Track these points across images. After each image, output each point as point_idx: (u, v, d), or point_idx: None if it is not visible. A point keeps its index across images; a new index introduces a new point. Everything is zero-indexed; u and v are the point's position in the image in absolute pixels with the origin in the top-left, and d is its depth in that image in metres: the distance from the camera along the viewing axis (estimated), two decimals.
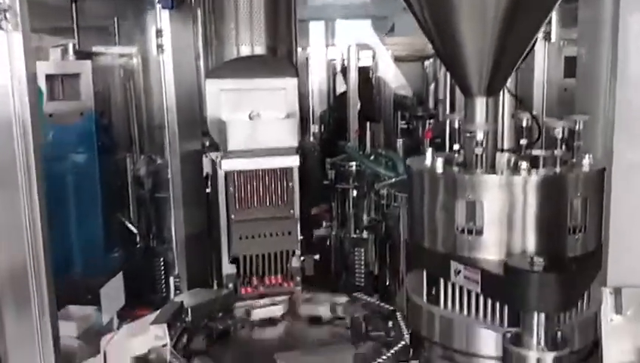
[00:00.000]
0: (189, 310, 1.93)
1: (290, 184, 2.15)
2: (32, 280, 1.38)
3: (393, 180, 3.17)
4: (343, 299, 2.06)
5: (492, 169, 1.76)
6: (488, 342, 1.66)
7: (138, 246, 3.51)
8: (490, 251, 1.65)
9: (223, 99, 2.18)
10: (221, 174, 2.11)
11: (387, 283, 3.11)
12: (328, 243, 3.92)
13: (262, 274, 2.14)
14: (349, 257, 3.77)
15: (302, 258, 2.18)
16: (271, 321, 2.07)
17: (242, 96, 2.17)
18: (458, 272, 1.66)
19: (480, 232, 1.65)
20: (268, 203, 2.16)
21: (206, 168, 2.27)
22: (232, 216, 2.13)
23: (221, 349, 1.92)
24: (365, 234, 3.76)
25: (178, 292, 2.68)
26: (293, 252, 2.17)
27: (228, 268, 2.15)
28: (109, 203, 3.43)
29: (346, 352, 1.52)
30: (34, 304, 1.37)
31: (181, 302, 1.92)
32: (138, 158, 3.50)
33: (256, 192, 2.14)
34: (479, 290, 1.62)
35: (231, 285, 2.11)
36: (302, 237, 2.20)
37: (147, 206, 3.45)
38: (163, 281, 3.12)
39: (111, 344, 1.76)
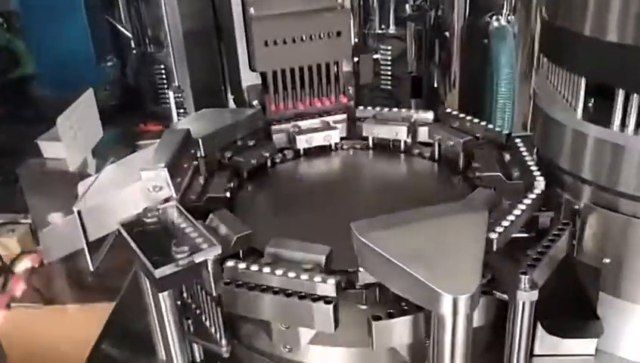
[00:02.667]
0: (200, 141, 1.18)
1: None
2: None
3: None
4: (426, 117, 1.28)
5: None
6: None
7: (134, 52, 2.75)
8: None
9: None
10: None
11: (435, 85, 2.35)
12: None
13: (301, 99, 1.32)
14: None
15: (355, 58, 1.36)
16: (323, 151, 1.32)
17: None
18: None
19: None
20: None
21: None
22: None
23: (252, 196, 1.20)
24: (392, 29, 2.98)
25: (182, 111, 1.86)
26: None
27: (249, 78, 1.34)
28: (93, 4, 2.62)
29: (478, 215, 0.79)
30: None
31: (187, 130, 1.17)
32: None
33: None
34: None
35: (256, 102, 1.31)
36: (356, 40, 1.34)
37: (139, 2, 2.60)
38: (167, 92, 2.38)
39: (86, 201, 1.03)
